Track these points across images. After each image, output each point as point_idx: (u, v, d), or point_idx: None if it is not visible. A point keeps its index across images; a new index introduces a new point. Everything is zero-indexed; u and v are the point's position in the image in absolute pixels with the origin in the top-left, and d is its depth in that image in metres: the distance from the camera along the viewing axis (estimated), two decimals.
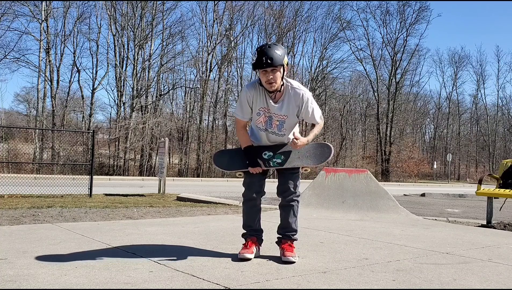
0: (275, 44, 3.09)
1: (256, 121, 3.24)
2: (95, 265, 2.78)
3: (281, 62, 3.00)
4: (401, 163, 35.85)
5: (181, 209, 6.49)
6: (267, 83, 3.04)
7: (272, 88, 3.05)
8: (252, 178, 3.22)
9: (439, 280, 2.67)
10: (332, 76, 33.39)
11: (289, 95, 3.15)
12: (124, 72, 26.56)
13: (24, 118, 34.13)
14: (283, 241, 3.21)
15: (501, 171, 6.31)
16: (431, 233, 4.72)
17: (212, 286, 2.39)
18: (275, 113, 3.17)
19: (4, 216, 5.12)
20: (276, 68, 3.00)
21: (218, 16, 28.45)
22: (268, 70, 3.00)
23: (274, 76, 3.02)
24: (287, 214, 3.24)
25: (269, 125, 3.20)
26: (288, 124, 3.19)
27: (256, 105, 3.18)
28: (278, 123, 3.18)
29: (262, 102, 3.17)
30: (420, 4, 40.09)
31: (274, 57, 2.97)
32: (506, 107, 48.01)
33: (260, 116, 3.20)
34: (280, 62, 3.00)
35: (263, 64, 2.97)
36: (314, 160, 3.26)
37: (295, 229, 3.25)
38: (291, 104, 3.14)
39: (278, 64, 2.99)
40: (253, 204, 3.25)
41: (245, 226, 3.29)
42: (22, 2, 23.79)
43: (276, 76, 3.02)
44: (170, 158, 26.61)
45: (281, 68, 3.04)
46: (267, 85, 3.05)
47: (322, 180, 6.77)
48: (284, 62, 3.03)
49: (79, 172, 14.56)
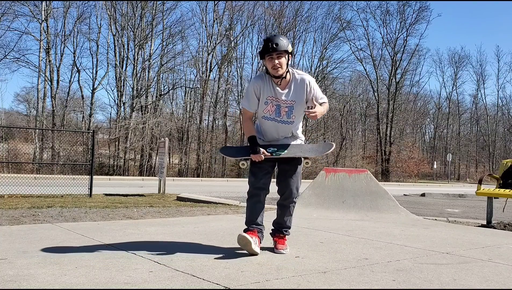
0: (280, 35, 3.26)
1: (263, 111, 3.32)
2: (95, 265, 2.78)
3: (286, 48, 3.16)
4: (401, 163, 35.86)
5: (181, 209, 6.48)
6: (273, 68, 3.16)
7: (278, 72, 3.17)
8: (257, 168, 3.29)
9: (439, 280, 2.67)
10: (332, 76, 33.40)
11: (296, 81, 3.27)
12: (124, 72, 26.58)
13: (24, 118, 34.17)
14: (276, 234, 3.43)
15: (501, 171, 6.31)
16: (431, 233, 4.72)
17: (212, 286, 2.39)
18: (283, 100, 3.27)
19: (4, 216, 5.12)
20: (281, 53, 3.15)
21: (218, 16, 28.47)
22: (274, 56, 3.13)
23: (280, 61, 3.15)
24: (284, 213, 3.43)
25: (277, 114, 3.29)
26: (297, 110, 3.29)
27: (264, 95, 3.28)
28: (287, 110, 3.28)
29: (269, 90, 3.27)
30: (420, 4, 40.18)
31: (279, 43, 3.13)
32: (506, 107, 48.06)
33: (268, 105, 3.29)
34: (285, 48, 3.15)
35: (269, 48, 3.12)
36: (316, 152, 3.41)
37: (289, 226, 3.47)
38: (298, 89, 3.26)
39: (283, 49, 3.14)
40: (257, 199, 3.30)
41: (247, 222, 3.33)
42: (22, 2, 23.81)
43: (281, 62, 3.16)
44: (170, 158, 26.60)
45: (286, 55, 3.18)
46: (273, 71, 3.18)
47: (322, 180, 6.77)
48: (288, 49, 3.17)
49: (79, 172, 14.56)
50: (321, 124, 35.43)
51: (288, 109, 3.27)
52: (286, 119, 3.30)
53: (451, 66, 51.27)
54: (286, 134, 3.39)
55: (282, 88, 3.26)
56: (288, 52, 3.19)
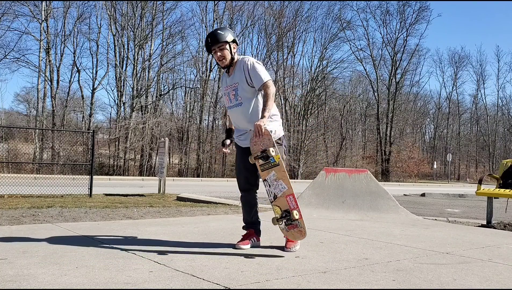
0: (220, 28, 3.43)
1: (225, 103, 3.58)
2: (95, 265, 2.78)
3: (225, 39, 3.33)
4: (401, 163, 35.87)
5: (181, 209, 6.48)
6: (219, 60, 3.37)
7: (223, 64, 3.38)
8: (237, 170, 3.55)
9: (439, 280, 2.67)
10: (332, 76, 33.39)
11: (238, 64, 3.42)
12: (124, 72, 26.57)
13: (24, 118, 34.17)
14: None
15: (501, 171, 6.31)
16: (431, 233, 4.72)
17: (212, 286, 2.39)
18: (230, 85, 3.45)
19: (4, 216, 5.12)
20: (222, 45, 3.29)
21: (218, 16, 28.46)
22: (216, 49, 3.33)
23: (222, 53, 3.34)
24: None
25: (230, 100, 3.48)
26: (241, 91, 3.40)
27: (222, 89, 3.57)
28: (234, 92, 3.44)
29: (224, 83, 3.53)
30: (420, 4, 40.17)
31: (216, 35, 3.32)
32: (506, 107, 48.07)
33: (225, 96, 3.53)
34: (224, 39, 3.33)
35: (209, 44, 3.34)
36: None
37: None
38: (238, 71, 3.41)
39: (222, 41, 3.31)
40: (244, 200, 3.58)
41: (243, 219, 3.62)
42: (22, 2, 23.80)
43: (224, 53, 3.34)
44: (170, 158, 26.60)
45: (227, 45, 3.34)
46: (219, 63, 3.40)
47: (322, 180, 6.77)
48: (228, 39, 3.34)
49: (79, 172, 14.55)
50: (321, 124, 35.45)
51: (234, 92, 3.42)
52: (235, 102, 3.43)
53: (451, 66, 51.46)
54: (246, 119, 3.39)
55: (230, 75, 3.45)
56: (229, 42, 3.34)
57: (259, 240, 3.54)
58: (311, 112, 32.67)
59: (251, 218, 3.53)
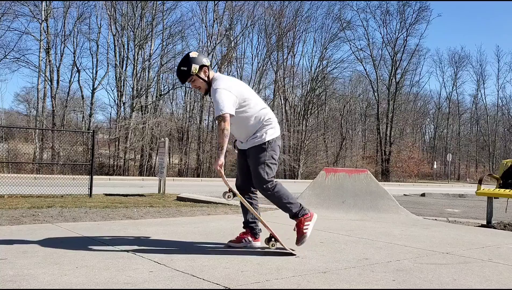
0: (183, 58, 3.27)
1: None
2: (95, 265, 2.78)
3: (190, 73, 3.23)
4: (401, 163, 35.87)
5: (181, 209, 6.48)
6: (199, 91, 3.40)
7: (202, 93, 3.37)
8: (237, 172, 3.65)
9: (439, 280, 2.67)
10: (332, 76, 33.39)
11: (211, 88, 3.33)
12: (124, 72, 26.57)
13: (24, 118, 34.14)
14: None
15: (501, 171, 6.31)
16: (431, 233, 4.72)
17: (212, 286, 2.39)
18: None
19: (4, 216, 5.12)
20: (190, 79, 3.27)
21: (218, 16, 28.46)
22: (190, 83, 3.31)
23: (195, 84, 3.31)
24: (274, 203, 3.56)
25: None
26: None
27: None
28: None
29: None
30: (420, 4, 40.19)
31: (180, 75, 3.27)
32: (506, 107, 48.05)
33: None
34: (189, 75, 3.24)
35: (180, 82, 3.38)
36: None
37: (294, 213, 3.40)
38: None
39: (188, 77, 3.25)
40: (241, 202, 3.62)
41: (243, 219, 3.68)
42: (22, 2, 23.79)
43: (196, 84, 3.32)
44: (170, 158, 26.60)
45: (195, 76, 3.25)
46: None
47: (322, 180, 6.77)
48: (193, 70, 3.21)
49: (79, 172, 14.54)
50: (321, 124, 35.46)
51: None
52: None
53: (451, 66, 51.34)
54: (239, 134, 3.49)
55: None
56: (196, 73, 3.23)
57: (257, 240, 3.54)
58: (311, 112, 32.68)
59: (248, 218, 3.56)
